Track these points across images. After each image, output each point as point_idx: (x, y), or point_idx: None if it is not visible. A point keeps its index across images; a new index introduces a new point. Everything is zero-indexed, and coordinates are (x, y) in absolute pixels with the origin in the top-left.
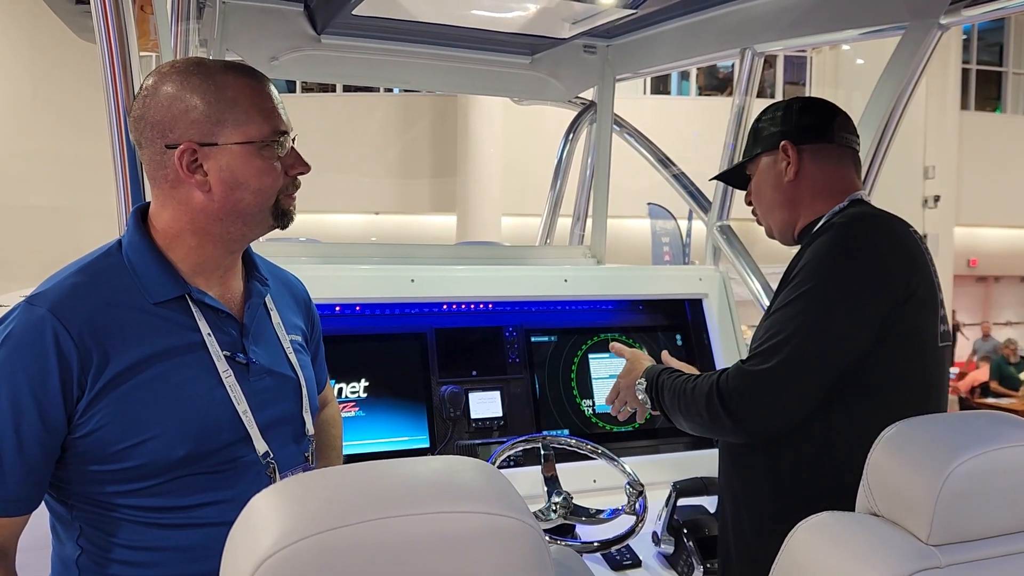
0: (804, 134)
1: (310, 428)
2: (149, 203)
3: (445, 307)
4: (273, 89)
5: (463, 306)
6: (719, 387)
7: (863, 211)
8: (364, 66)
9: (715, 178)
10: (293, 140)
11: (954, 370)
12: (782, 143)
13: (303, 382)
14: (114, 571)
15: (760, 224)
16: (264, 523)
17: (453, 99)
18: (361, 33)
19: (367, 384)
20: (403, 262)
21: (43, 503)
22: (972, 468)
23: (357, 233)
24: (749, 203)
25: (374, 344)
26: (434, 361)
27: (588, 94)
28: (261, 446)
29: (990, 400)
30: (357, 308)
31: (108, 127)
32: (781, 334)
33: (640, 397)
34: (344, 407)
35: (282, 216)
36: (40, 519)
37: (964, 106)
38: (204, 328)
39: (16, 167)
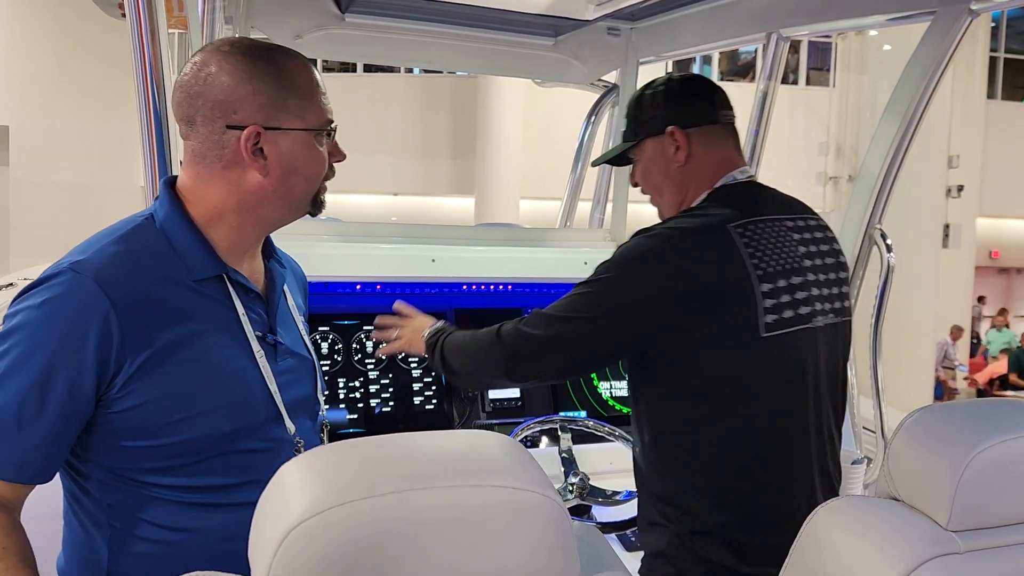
0: (692, 117)
1: (323, 409)
2: (175, 176)
3: (465, 287)
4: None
5: (483, 287)
6: (500, 333)
7: (679, 224)
8: (387, 45)
9: (596, 163)
10: (335, 129)
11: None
12: (669, 128)
13: (316, 363)
14: (140, 549)
15: (653, 204)
16: (294, 491)
17: (473, 81)
18: (385, 12)
19: (386, 363)
20: (424, 242)
21: (61, 479)
22: (993, 455)
23: (376, 214)
24: (635, 184)
25: None
26: None
27: (611, 77)
28: (291, 426)
29: (1009, 393)
30: (378, 287)
31: (136, 102)
32: (560, 311)
33: (423, 342)
34: (364, 387)
35: (319, 205)
36: (58, 489)
37: (991, 95)
38: (240, 308)
39: (40, 143)
